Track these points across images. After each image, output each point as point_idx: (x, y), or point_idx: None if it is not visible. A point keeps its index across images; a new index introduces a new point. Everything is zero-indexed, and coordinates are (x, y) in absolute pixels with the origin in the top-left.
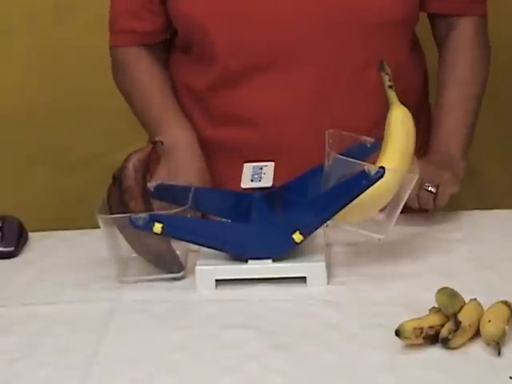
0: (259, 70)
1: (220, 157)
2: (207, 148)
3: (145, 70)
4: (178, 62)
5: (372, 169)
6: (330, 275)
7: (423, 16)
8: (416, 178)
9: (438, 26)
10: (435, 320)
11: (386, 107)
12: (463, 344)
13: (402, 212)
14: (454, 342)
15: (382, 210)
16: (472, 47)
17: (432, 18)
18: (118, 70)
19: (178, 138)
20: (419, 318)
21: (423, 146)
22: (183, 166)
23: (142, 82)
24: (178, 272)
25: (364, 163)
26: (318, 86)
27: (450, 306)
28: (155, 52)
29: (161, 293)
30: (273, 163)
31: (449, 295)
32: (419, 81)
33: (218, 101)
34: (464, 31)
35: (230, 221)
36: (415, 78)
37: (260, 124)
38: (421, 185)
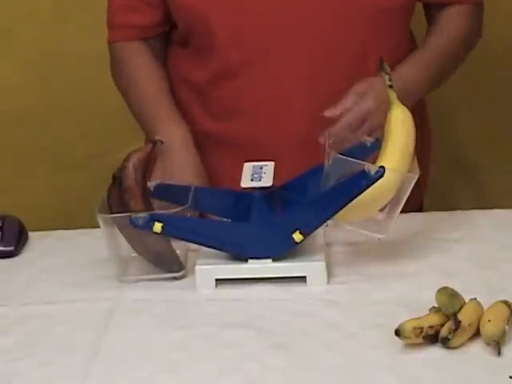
0: (259, 61)
1: (220, 151)
2: (207, 142)
3: (142, 66)
4: (175, 56)
5: (372, 168)
6: (329, 275)
7: (419, 12)
8: (416, 177)
9: (434, 17)
10: (435, 320)
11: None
12: (463, 344)
13: (401, 211)
14: (454, 342)
15: (382, 210)
16: (460, 28)
17: (428, 8)
18: (116, 67)
19: (175, 138)
20: (419, 318)
21: (418, 140)
22: (178, 162)
23: (139, 80)
24: (178, 271)
25: (364, 163)
26: (318, 77)
27: (449, 305)
28: (154, 47)
29: (161, 292)
30: (273, 163)
31: (449, 295)
32: None
33: (217, 94)
34: (456, 15)
35: (229, 220)
36: None
37: (259, 117)
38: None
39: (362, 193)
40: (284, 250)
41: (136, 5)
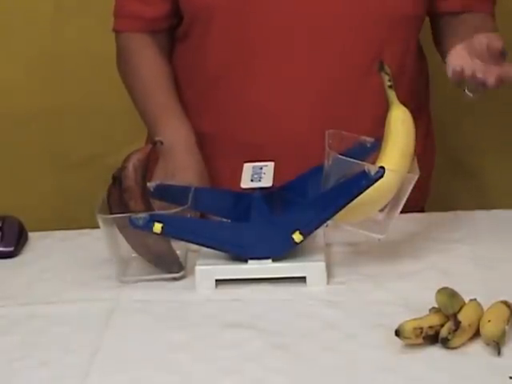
0: (260, 61)
1: (219, 152)
2: (206, 143)
3: (148, 60)
4: (179, 55)
5: (372, 169)
6: (329, 275)
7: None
8: (416, 177)
9: (442, 25)
10: (435, 320)
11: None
12: (463, 344)
13: (401, 212)
14: (454, 342)
15: (381, 210)
16: (480, 24)
17: (435, 18)
18: (121, 57)
19: (177, 138)
20: (419, 318)
21: (423, 144)
22: (180, 163)
23: (144, 76)
24: (178, 272)
25: (364, 163)
26: (321, 81)
27: (449, 306)
28: (160, 41)
29: (161, 293)
30: (273, 163)
31: (449, 295)
32: (422, 83)
33: (216, 94)
34: (482, 19)
35: (229, 221)
36: (418, 80)
37: (259, 118)
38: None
39: (361, 193)
40: (284, 251)
41: None
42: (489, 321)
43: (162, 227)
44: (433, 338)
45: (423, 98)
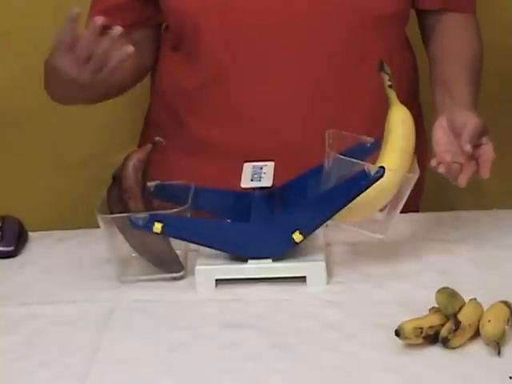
0: (250, 66)
1: (215, 157)
2: (201, 149)
3: None
4: (168, 61)
5: (372, 169)
6: (329, 275)
7: (413, 19)
8: (416, 177)
9: (427, 24)
10: (435, 320)
11: (381, 105)
12: (463, 344)
13: (401, 212)
14: (454, 342)
15: (381, 210)
16: (463, 31)
17: (421, 15)
18: None
19: None
20: (419, 318)
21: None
22: None
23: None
24: (178, 272)
25: (364, 163)
26: (312, 82)
27: (449, 305)
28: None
29: (161, 293)
30: (272, 163)
31: (449, 295)
32: (410, 79)
33: (209, 100)
34: (453, 24)
35: (229, 221)
36: (407, 76)
37: (253, 122)
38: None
39: (361, 193)
40: (284, 250)
41: (107, 10)
42: (489, 321)
43: (162, 227)
44: (433, 338)
45: (412, 94)
